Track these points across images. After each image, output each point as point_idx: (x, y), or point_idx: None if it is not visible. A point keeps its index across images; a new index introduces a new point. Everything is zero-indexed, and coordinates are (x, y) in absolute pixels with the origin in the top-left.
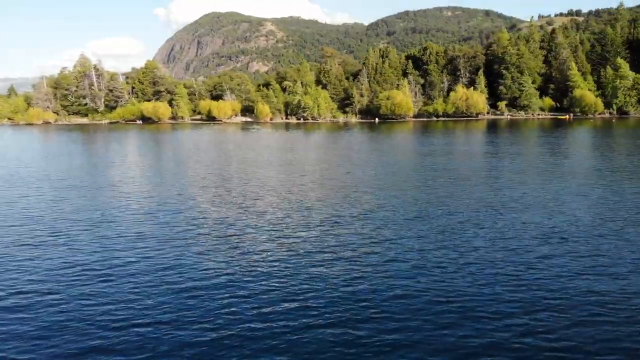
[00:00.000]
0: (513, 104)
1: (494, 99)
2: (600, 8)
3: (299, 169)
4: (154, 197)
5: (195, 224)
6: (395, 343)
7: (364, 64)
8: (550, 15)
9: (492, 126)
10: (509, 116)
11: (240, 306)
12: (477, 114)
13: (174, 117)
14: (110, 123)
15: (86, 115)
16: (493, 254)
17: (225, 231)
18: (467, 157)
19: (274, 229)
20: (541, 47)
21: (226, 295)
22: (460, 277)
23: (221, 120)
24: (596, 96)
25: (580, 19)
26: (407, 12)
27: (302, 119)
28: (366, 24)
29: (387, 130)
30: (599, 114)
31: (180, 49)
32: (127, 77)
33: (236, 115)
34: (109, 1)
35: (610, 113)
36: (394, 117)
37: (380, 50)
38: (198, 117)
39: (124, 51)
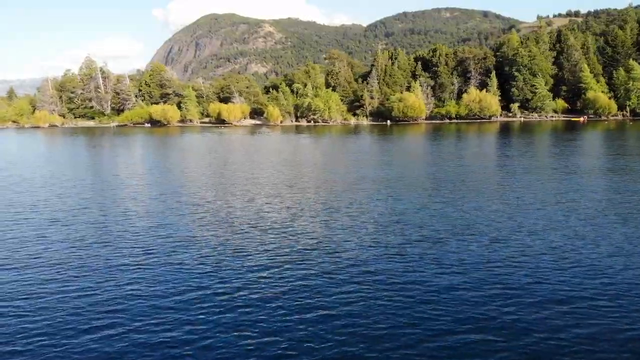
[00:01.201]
0: (525, 105)
1: (505, 100)
2: (599, 9)
3: (325, 178)
4: (172, 204)
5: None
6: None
7: (372, 65)
8: (548, 16)
9: (507, 129)
10: (522, 118)
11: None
12: (490, 116)
13: (182, 120)
14: (118, 126)
15: (93, 118)
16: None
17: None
18: (494, 162)
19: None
20: (550, 49)
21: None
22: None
23: (231, 123)
24: (609, 98)
25: (579, 19)
26: (405, 14)
27: (312, 122)
28: (364, 25)
29: (402, 132)
30: (613, 115)
31: (178, 50)
32: (130, 79)
33: (245, 118)
34: (106, 2)
35: (623, 115)
36: (406, 119)
37: (389, 51)
38: (207, 119)
39: (122, 52)
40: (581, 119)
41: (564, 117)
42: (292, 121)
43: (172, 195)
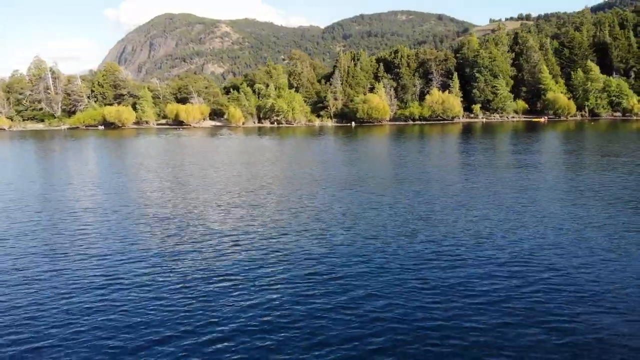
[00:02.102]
0: (486, 106)
1: (467, 102)
2: (549, 12)
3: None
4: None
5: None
6: None
7: (335, 66)
8: (501, 19)
9: (470, 129)
10: (483, 119)
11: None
12: (453, 117)
13: (138, 122)
14: (70, 128)
15: (42, 120)
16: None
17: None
18: (462, 161)
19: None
20: (509, 50)
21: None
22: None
23: (189, 125)
24: (568, 99)
25: (530, 23)
26: (362, 16)
27: (276, 123)
28: (322, 27)
29: (368, 134)
30: (572, 116)
31: (132, 50)
32: (82, 80)
33: (205, 119)
34: (56, 1)
35: (582, 115)
36: (370, 120)
37: (351, 53)
38: (164, 121)
39: (73, 53)
40: (542, 119)
41: (524, 117)
42: (254, 122)
43: (128, 205)
